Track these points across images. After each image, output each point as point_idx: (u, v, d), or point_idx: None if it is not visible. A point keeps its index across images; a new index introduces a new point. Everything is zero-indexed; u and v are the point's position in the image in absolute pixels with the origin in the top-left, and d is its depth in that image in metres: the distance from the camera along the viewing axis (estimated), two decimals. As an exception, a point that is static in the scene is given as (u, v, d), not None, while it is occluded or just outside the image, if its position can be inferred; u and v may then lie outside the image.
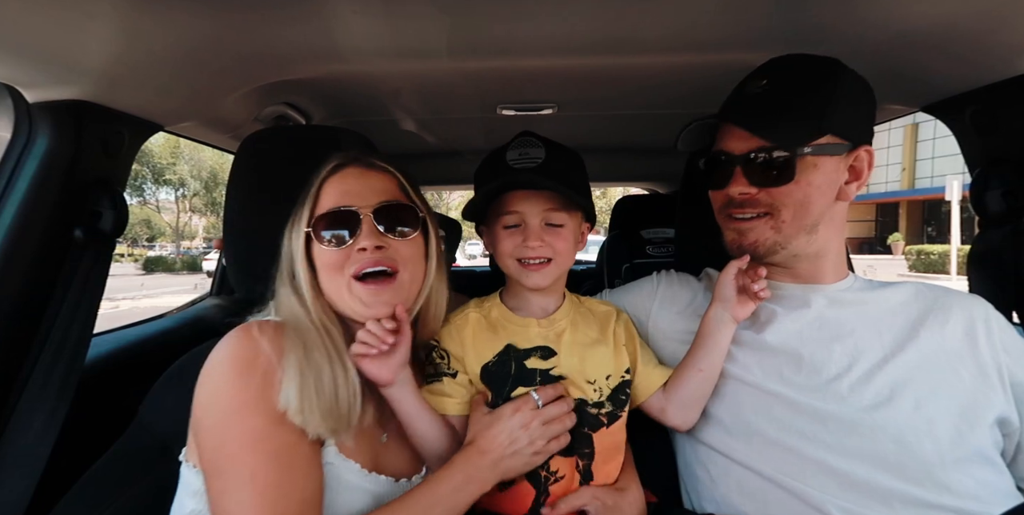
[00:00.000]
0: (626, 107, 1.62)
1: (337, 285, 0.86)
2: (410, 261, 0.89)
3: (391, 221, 0.87)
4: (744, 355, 0.95)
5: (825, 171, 0.88)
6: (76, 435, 1.01)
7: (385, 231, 0.87)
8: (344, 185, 0.88)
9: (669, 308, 1.07)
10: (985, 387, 0.85)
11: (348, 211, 0.86)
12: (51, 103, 0.99)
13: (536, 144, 0.94)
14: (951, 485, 0.79)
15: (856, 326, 0.92)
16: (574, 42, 1.04)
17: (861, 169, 0.91)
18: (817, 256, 0.95)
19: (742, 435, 0.91)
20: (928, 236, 25.05)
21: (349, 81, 1.31)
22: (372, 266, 0.85)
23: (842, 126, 0.87)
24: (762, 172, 0.88)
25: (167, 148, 27.40)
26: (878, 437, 0.82)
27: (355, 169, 0.90)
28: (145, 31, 0.88)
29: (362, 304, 0.85)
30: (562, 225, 0.92)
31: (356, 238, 0.85)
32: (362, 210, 0.86)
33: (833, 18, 0.95)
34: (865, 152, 0.91)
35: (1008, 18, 0.87)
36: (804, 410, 0.87)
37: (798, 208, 0.88)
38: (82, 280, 1.04)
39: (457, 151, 2.29)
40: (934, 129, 22.73)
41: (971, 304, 0.93)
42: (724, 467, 0.92)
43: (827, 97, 0.86)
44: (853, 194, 0.92)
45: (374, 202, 0.87)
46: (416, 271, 0.90)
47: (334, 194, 0.88)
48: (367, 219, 0.86)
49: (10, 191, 0.96)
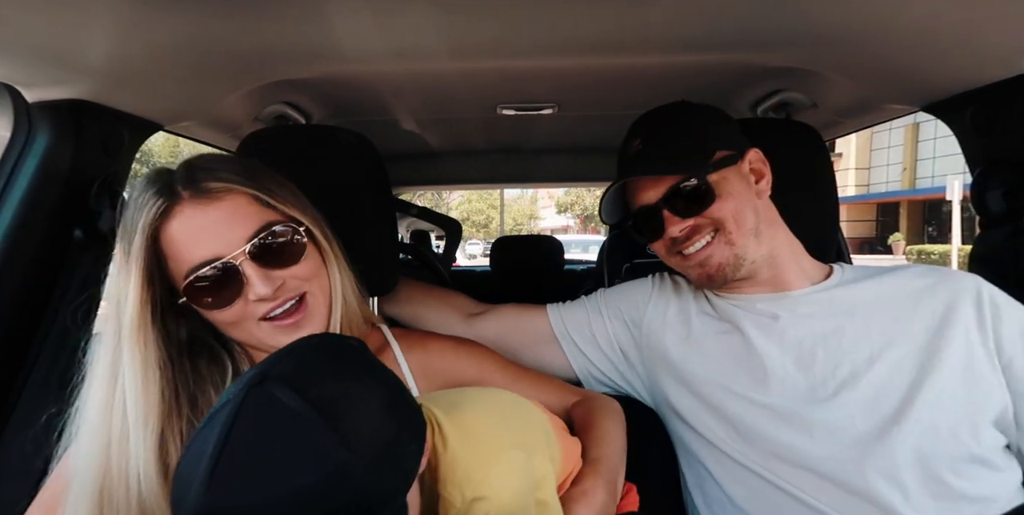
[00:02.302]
0: (626, 107, 1.61)
1: (244, 331, 0.75)
2: (312, 279, 0.78)
3: (273, 254, 0.73)
4: (729, 367, 0.95)
5: (734, 181, 0.95)
6: (76, 435, 1.01)
7: (272, 267, 0.73)
8: (188, 230, 0.70)
9: (663, 310, 1.07)
10: (980, 382, 0.84)
11: (220, 266, 0.70)
12: (51, 103, 0.98)
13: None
14: (945, 485, 0.79)
15: (839, 324, 0.91)
16: (574, 42, 1.04)
17: (760, 168, 0.99)
18: (773, 260, 0.97)
19: (737, 442, 0.91)
20: (929, 236, 25.02)
21: (349, 81, 1.31)
22: (278, 308, 0.74)
23: (723, 142, 0.97)
24: (686, 204, 0.94)
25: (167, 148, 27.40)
26: (865, 441, 0.82)
27: (191, 206, 0.70)
28: (145, 31, 0.88)
29: (284, 338, 0.73)
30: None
31: (246, 289, 0.71)
32: (236, 257, 0.70)
33: (833, 18, 0.95)
34: (753, 153, 0.99)
35: (1008, 18, 0.87)
36: (792, 422, 0.86)
37: (736, 217, 0.93)
38: (82, 280, 1.04)
39: (457, 151, 2.29)
40: (935, 129, 22.70)
41: (965, 285, 0.90)
42: (727, 466, 0.92)
43: (693, 125, 0.99)
44: (766, 190, 0.99)
45: (241, 241, 0.71)
46: (322, 285, 0.80)
47: (183, 246, 0.70)
48: (247, 264, 0.71)
49: (10, 191, 0.96)
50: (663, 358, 1.02)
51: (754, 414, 0.90)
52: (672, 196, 0.94)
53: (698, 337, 1.01)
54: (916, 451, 0.80)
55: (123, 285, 0.70)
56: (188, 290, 0.71)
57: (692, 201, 0.93)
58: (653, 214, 0.97)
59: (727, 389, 0.93)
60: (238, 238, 0.71)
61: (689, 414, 0.97)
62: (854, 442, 0.82)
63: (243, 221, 0.72)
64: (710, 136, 0.97)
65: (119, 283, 0.71)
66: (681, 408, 0.99)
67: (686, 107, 1.02)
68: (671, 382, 1.01)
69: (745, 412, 0.91)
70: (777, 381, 0.90)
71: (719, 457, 0.93)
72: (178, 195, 0.71)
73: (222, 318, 0.74)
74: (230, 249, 0.71)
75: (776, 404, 0.88)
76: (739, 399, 0.92)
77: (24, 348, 0.98)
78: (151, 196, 0.70)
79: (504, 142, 2.20)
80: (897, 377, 0.84)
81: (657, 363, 1.04)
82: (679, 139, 0.97)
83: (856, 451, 0.82)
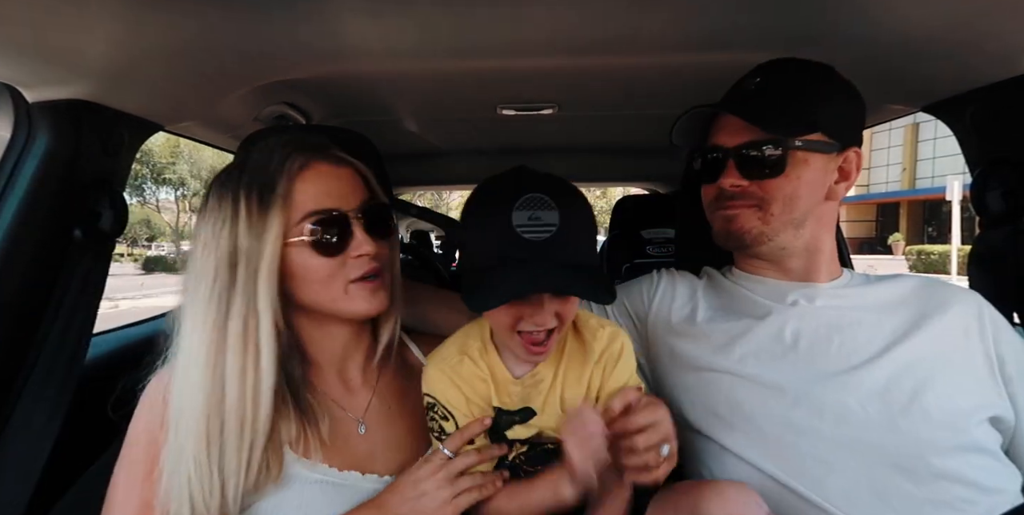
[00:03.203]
0: (626, 107, 1.62)
1: (331, 291, 0.82)
2: (391, 261, 0.88)
3: (376, 224, 0.84)
4: (740, 348, 0.95)
5: (814, 168, 0.90)
6: (76, 435, 1.01)
7: (372, 232, 0.83)
8: (322, 185, 0.81)
9: (669, 303, 1.07)
10: (981, 384, 0.86)
11: (339, 214, 0.80)
12: (51, 103, 0.98)
13: (548, 205, 0.75)
14: (949, 473, 0.79)
15: (855, 318, 0.92)
16: (574, 42, 1.04)
17: (850, 170, 0.94)
18: (808, 253, 0.96)
19: (741, 429, 0.91)
20: (928, 236, 25.04)
21: (349, 81, 1.31)
22: (371, 272, 0.83)
23: (832, 126, 0.90)
24: (753, 165, 0.90)
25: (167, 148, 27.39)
26: (875, 428, 0.82)
27: (327, 166, 0.82)
28: (145, 31, 0.88)
29: (365, 302, 0.83)
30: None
31: (351, 243, 0.81)
32: (351, 213, 0.81)
33: (833, 18, 0.95)
34: (854, 154, 0.94)
35: (1008, 18, 0.87)
36: (801, 402, 0.87)
37: (787, 202, 0.90)
38: (82, 280, 1.04)
39: (457, 151, 2.29)
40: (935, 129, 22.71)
41: (968, 299, 0.94)
42: (725, 463, 0.92)
43: (819, 96, 0.91)
44: (842, 194, 0.95)
45: (356, 204, 0.82)
46: (396, 268, 0.90)
47: (313, 195, 0.80)
48: (357, 223, 0.81)
49: (9, 191, 0.96)
50: (670, 351, 1.02)
51: (763, 396, 0.89)
52: (746, 148, 0.90)
53: (704, 325, 1.01)
54: (913, 440, 0.81)
55: (256, 232, 0.76)
56: (305, 232, 0.78)
57: (758, 164, 0.90)
58: (720, 159, 0.93)
59: (735, 374, 0.93)
60: (354, 200, 0.82)
61: (691, 411, 0.97)
62: (863, 427, 0.83)
63: (357, 190, 0.84)
64: (823, 114, 0.90)
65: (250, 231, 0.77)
66: (683, 401, 0.98)
67: (828, 75, 0.93)
68: (673, 371, 1.01)
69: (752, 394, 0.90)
70: (789, 363, 0.90)
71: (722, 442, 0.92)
72: (317, 153, 0.82)
73: (321, 269, 0.80)
74: (348, 206, 0.81)
75: (786, 383, 0.88)
76: (746, 383, 0.91)
77: (24, 348, 0.98)
78: (292, 151, 0.80)
79: (504, 142, 2.20)
80: (906, 372, 0.85)
81: (663, 357, 1.03)
82: (793, 101, 0.90)
83: (863, 436, 0.82)
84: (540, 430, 0.85)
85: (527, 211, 0.75)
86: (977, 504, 0.78)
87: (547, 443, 0.86)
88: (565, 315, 0.78)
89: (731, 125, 0.92)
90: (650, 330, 1.06)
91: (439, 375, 0.85)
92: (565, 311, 0.78)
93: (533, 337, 0.77)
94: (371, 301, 0.84)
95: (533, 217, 0.75)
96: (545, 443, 0.86)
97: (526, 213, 0.75)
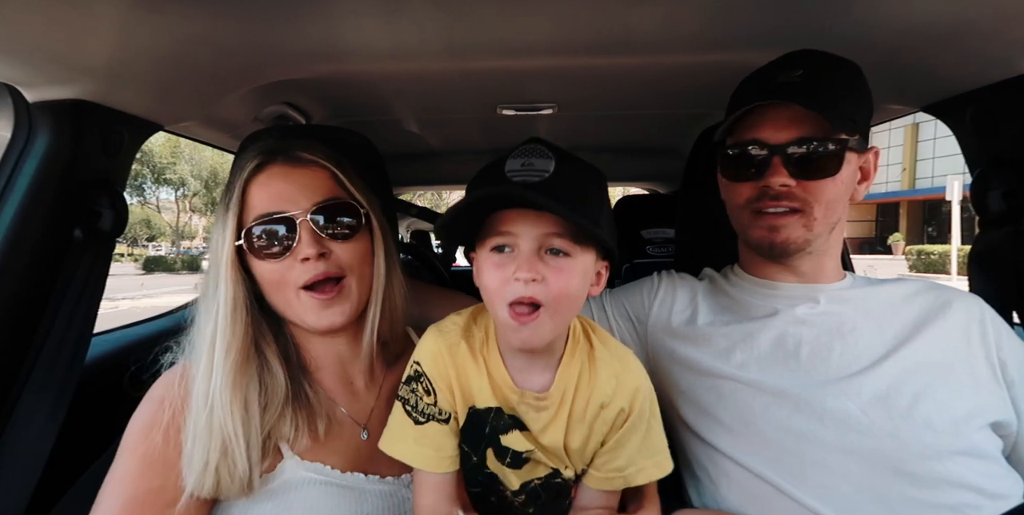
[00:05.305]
0: (626, 107, 1.62)
1: (283, 297, 0.82)
2: (356, 264, 0.84)
3: (331, 224, 0.82)
4: (742, 353, 0.94)
5: (852, 168, 0.88)
6: (76, 435, 1.01)
7: (326, 235, 0.81)
8: (272, 187, 0.81)
9: (670, 306, 1.07)
10: (983, 389, 0.85)
11: (282, 217, 0.79)
12: (51, 103, 0.98)
13: (545, 154, 0.70)
14: (952, 478, 0.79)
15: (857, 323, 0.92)
16: (574, 42, 1.04)
17: (869, 170, 0.92)
18: (822, 255, 0.96)
19: (742, 435, 0.90)
20: (928, 236, 25.04)
21: (349, 81, 1.31)
22: (319, 277, 0.80)
23: (865, 124, 0.88)
24: (806, 164, 0.84)
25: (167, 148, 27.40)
26: (876, 434, 0.82)
27: (281, 167, 0.82)
28: (145, 31, 0.88)
29: (314, 314, 0.81)
30: (568, 254, 0.69)
31: (296, 247, 0.79)
32: (297, 215, 0.80)
33: (833, 18, 0.95)
34: (874, 154, 0.92)
35: (1008, 18, 0.87)
36: (803, 409, 0.86)
37: (829, 205, 0.86)
38: (82, 280, 1.04)
39: (457, 151, 2.29)
40: (935, 129, 22.72)
41: (969, 303, 0.93)
42: (724, 468, 0.92)
43: (860, 93, 0.86)
44: (862, 195, 0.92)
45: (308, 205, 0.80)
46: (364, 273, 0.85)
47: (262, 198, 0.80)
48: (305, 225, 0.79)
49: (10, 191, 0.96)
50: (670, 354, 1.02)
51: (764, 402, 0.89)
52: (797, 144, 0.82)
53: (705, 329, 1.00)
54: (914, 445, 0.80)
55: (220, 231, 0.80)
56: (248, 235, 0.79)
57: (810, 163, 0.82)
58: (765, 154, 0.85)
59: (736, 379, 0.93)
60: (306, 203, 0.81)
61: (691, 415, 0.97)
62: (864, 433, 0.83)
63: (316, 191, 0.82)
64: (861, 111, 0.85)
65: (217, 231, 0.81)
66: (683, 405, 0.98)
67: (859, 71, 0.88)
68: (674, 375, 1.01)
69: (753, 400, 0.90)
70: (790, 369, 0.90)
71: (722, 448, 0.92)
72: (274, 156, 0.83)
73: (269, 274, 0.81)
74: (296, 209, 0.80)
75: (788, 389, 0.88)
76: (747, 388, 0.91)
77: (24, 348, 0.98)
78: (253, 155, 0.82)
79: (504, 142, 2.20)
80: (907, 377, 0.85)
81: (663, 360, 1.03)
82: (842, 98, 0.83)
83: (864, 442, 0.82)
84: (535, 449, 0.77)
85: (521, 158, 0.71)
86: (982, 509, 0.78)
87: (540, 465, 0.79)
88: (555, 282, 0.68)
89: (778, 119, 0.85)
90: (650, 333, 1.06)
91: (437, 348, 0.78)
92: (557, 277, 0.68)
93: (520, 309, 0.68)
94: (321, 316, 0.81)
95: (527, 164, 0.70)
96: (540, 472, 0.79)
97: (520, 160, 0.71)
